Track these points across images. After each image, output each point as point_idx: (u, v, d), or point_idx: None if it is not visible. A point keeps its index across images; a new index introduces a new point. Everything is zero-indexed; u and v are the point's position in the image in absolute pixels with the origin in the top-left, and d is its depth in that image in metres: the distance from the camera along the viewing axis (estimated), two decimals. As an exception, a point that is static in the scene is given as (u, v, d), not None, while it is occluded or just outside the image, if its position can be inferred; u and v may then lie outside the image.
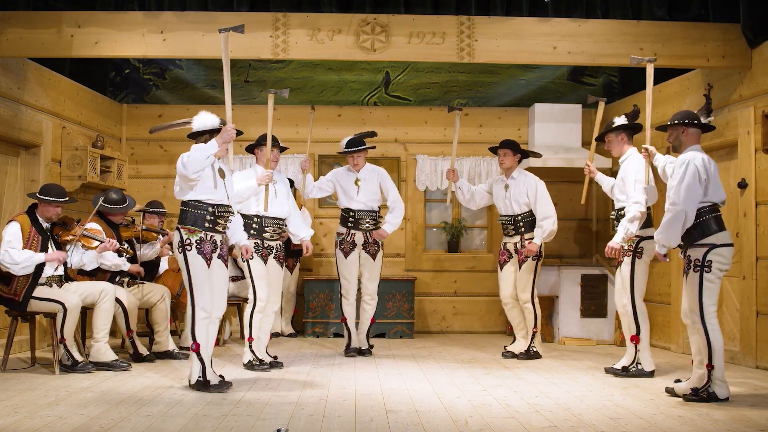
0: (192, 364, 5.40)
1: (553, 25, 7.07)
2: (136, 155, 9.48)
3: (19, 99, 7.15)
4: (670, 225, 5.11)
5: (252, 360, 6.33)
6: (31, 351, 6.54)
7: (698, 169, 5.10)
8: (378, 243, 7.34)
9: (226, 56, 5.45)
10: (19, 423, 4.36)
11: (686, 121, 5.30)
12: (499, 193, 7.31)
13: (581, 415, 4.68)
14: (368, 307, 7.39)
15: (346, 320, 7.31)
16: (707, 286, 5.11)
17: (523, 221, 7.17)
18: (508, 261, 7.25)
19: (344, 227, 7.30)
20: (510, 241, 7.26)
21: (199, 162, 5.18)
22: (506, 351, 7.29)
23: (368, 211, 7.29)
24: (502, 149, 7.25)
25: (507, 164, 7.24)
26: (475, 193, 7.44)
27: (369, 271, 7.32)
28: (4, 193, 7.16)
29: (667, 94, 8.04)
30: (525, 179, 7.21)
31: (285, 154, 9.39)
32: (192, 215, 5.33)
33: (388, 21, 7.02)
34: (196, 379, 5.35)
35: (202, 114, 5.47)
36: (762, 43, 6.81)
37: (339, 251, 7.28)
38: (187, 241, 5.30)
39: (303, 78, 9.56)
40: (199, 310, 5.31)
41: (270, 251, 6.45)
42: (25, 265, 5.98)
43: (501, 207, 7.31)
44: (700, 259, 5.13)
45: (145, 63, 9.44)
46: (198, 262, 5.31)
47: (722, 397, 5.09)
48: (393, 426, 4.36)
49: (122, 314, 6.62)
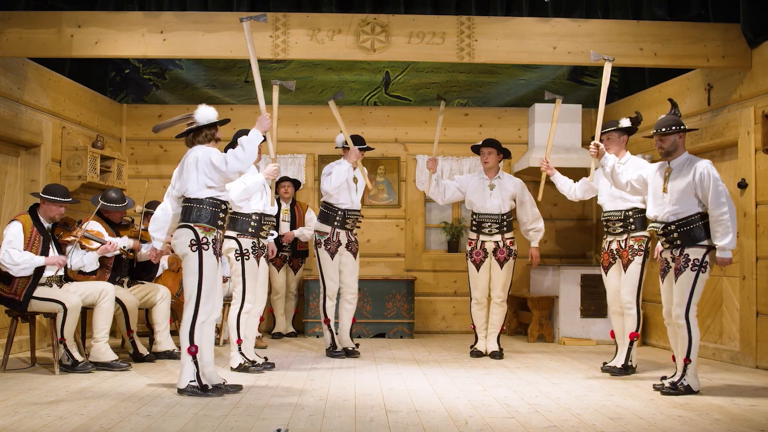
0: (183, 368, 5.20)
1: (553, 25, 7.07)
2: (136, 155, 9.48)
3: (19, 99, 7.15)
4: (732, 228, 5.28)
5: (243, 362, 6.24)
6: (31, 351, 6.53)
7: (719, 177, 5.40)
8: (357, 241, 7.28)
9: (251, 44, 5.45)
10: (19, 423, 4.36)
11: (682, 127, 5.51)
12: (481, 191, 7.27)
13: (581, 415, 4.68)
14: (350, 306, 7.27)
15: (329, 322, 7.13)
16: (699, 286, 5.37)
17: (507, 221, 7.23)
18: (485, 260, 7.24)
19: (328, 226, 7.12)
20: (489, 240, 7.23)
21: (253, 155, 5.19)
22: (474, 350, 7.31)
23: (356, 210, 7.23)
24: (487, 148, 7.26)
25: (491, 163, 7.26)
26: (447, 188, 7.40)
27: (351, 269, 7.20)
28: (4, 193, 7.16)
29: (667, 94, 8.03)
30: (511, 180, 7.31)
31: (285, 154, 9.41)
32: (207, 212, 5.18)
33: (388, 21, 7.02)
34: (187, 384, 5.17)
35: (203, 108, 5.36)
36: (762, 43, 6.81)
37: (323, 251, 7.10)
38: (204, 239, 5.14)
39: (303, 78, 9.56)
40: (202, 312, 5.16)
41: (263, 251, 6.40)
42: (24, 267, 5.97)
43: (481, 206, 7.27)
44: (699, 259, 5.34)
45: (145, 63, 9.44)
46: (212, 263, 5.18)
47: (695, 390, 5.36)
48: (393, 426, 4.36)
49: (122, 314, 6.63)
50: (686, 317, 5.34)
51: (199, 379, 5.18)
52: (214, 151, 5.22)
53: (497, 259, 7.18)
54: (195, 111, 5.36)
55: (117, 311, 6.58)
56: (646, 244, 6.17)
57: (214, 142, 5.41)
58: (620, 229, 6.27)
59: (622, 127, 6.29)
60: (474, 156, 9.42)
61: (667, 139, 5.50)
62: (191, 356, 5.16)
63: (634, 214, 6.21)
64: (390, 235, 9.50)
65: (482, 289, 7.28)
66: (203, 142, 5.35)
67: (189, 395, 5.14)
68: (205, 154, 5.20)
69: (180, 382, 5.22)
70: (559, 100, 6.70)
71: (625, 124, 6.31)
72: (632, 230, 6.21)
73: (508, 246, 7.19)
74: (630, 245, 6.19)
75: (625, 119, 6.36)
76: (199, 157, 5.21)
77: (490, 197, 7.25)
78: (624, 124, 6.31)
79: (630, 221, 6.22)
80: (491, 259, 7.22)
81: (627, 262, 6.20)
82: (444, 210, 9.75)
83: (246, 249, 6.22)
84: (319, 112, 9.53)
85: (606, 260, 6.38)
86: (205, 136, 5.35)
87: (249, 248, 6.23)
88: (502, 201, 7.22)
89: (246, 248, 6.22)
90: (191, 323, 5.16)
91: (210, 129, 5.36)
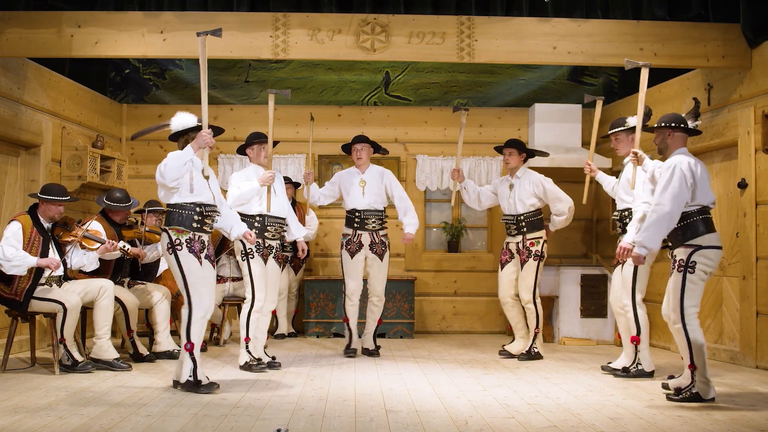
0: (183, 363, 5.36)
1: (553, 25, 7.07)
2: (136, 155, 9.48)
3: (19, 99, 7.15)
4: (652, 226, 5.07)
5: (249, 360, 6.30)
6: (31, 351, 6.53)
7: (684, 174, 5.08)
8: (385, 243, 7.32)
9: (203, 60, 5.35)
10: (19, 423, 4.36)
11: (672, 125, 5.29)
12: (504, 192, 7.33)
13: (581, 415, 4.68)
14: (375, 308, 7.37)
15: (348, 321, 7.30)
16: (689, 287, 5.10)
17: (526, 221, 7.17)
18: (510, 261, 7.25)
19: (350, 228, 7.28)
20: (512, 241, 7.26)
21: (176, 170, 5.19)
22: (503, 350, 7.30)
23: (373, 211, 7.28)
24: (508, 149, 7.27)
25: (513, 164, 7.26)
26: (481, 193, 7.46)
27: (376, 271, 7.29)
28: (4, 193, 7.16)
29: (667, 94, 8.04)
30: (530, 178, 7.23)
31: (285, 153, 9.41)
32: (179, 216, 5.33)
33: (388, 21, 7.02)
34: (186, 379, 5.32)
35: (180, 114, 5.46)
36: (762, 43, 6.81)
37: (345, 251, 7.26)
38: (177, 241, 5.29)
39: (303, 78, 9.57)
40: (196, 309, 5.29)
41: (270, 251, 6.43)
42: (16, 263, 5.93)
43: (505, 206, 7.32)
44: (684, 259, 5.13)
45: (145, 63, 9.44)
46: (190, 261, 5.30)
47: (707, 398, 5.07)
48: (393, 426, 4.36)
49: (122, 314, 6.63)
50: (682, 321, 5.09)
51: (195, 374, 5.32)
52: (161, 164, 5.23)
53: (520, 260, 7.18)
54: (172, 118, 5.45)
55: (117, 311, 6.58)
56: None
57: None
58: (620, 229, 6.26)
59: (631, 126, 6.26)
60: (474, 156, 9.45)
61: (657, 135, 5.35)
62: (188, 353, 5.30)
63: (630, 215, 6.12)
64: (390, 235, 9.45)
65: (505, 289, 7.26)
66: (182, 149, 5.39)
67: (186, 390, 5.29)
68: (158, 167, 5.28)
69: (180, 377, 5.39)
70: (599, 102, 6.65)
71: (633, 122, 6.26)
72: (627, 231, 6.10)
73: (528, 247, 7.14)
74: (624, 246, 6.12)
75: (632, 118, 6.31)
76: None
77: (508, 198, 7.27)
78: (632, 122, 6.27)
79: (626, 222, 6.15)
80: (517, 259, 7.22)
81: (622, 263, 6.16)
82: (444, 210, 9.76)
83: (250, 249, 6.28)
84: (319, 112, 9.52)
85: (615, 260, 6.34)
86: (185, 141, 5.42)
87: (253, 248, 6.28)
88: (519, 200, 7.19)
89: (250, 248, 6.28)
90: (187, 320, 5.31)
91: (187, 134, 5.41)
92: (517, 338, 7.31)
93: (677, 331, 5.16)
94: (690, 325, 5.08)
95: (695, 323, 5.11)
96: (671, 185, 5.05)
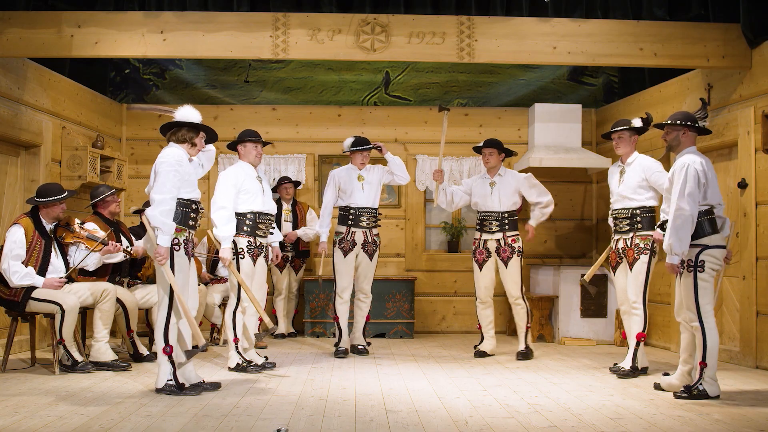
0: (159, 368, 5.21)
1: (553, 25, 7.07)
2: (136, 155, 9.47)
3: (19, 99, 7.15)
4: (679, 230, 5.14)
5: (240, 362, 6.23)
6: (31, 351, 6.53)
7: (698, 173, 5.19)
8: (376, 243, 7.33)
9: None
10: (19, 423, 4.36)
11: (688, 123, 5.37)
12: (483, 190, 7.32)
13: (581, 415, 4.68)
14: (363, 305, 7.38)
15: (338, 319, 7.27)
16: (702, 286, 5.21)
17: (510, 219, 7.23)
18: (487, 260, 7.25)
19: (344, 226, 7.27)
20: (490, 239, 7.24)
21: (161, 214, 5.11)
22: (478, 350, 7.31)
23: (368, 208, 7.29)
24: (488, 148, 7.30)
25: (492, 163, 7.30)
26: (454, 194, 7.46)
27: (365, 270, 7.30)
28: (4, 193, 7.16)
29: (667, 94, 8.04)
30: (513, 176, 7.31)
31: (285, 153, 9.41)
32: (178, 213, 5.19)
33: (388, 21, 7.02)
34: (165, 383, 5.18)
35: (187, 107, 5.34)
36: (762, 43, 6.81)
37: (338, 250, 7.24)
38: (175, 240, 5.18)
39: (303, 78, 9.57)
40: (174, 312, 5.17)
41: (261, 250, 6.40)
42: (21, 283, 5.99)
43: (483, 204, 7.30)
44: (693, 259, 5.23)
45: (145, 63, 9.44)
46: (184, 263, 5.23)
47: (713, 395, 5.17)
48: (393, 426, 4.36)
49: (122, 314, 6.62)
50: (699, 320, 5.18)
51: (175, 377, 5.20)
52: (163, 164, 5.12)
53: (501, 258, 7.18)
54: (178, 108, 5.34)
55: (117, 311, 6.57)
56: (653, 243, 6.14)
57: (190, 145, 5.33)
58: (627, 227, 6.26)
59: (635, 126, 6.29)
60: (474, 156, 9.43)
61: (670, 132, 5.42)
62: (167, 356, 5.18)
63: (641, 213, 6.19)
64: (390, 235, 9.49)
65: (485, 288, 7.29)
66: (179, 142, 5.30)
67: (167, 394, 5.17)
68: (160, 164, 5.15)
69: (157, 382, 5.23)
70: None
71: (638, 124, 6.31)
72: (639, 229, 6.18)
73: (510, 244, 7.18)
74: (636, 243, 6.17)
75: (637, 119, 6.36)
76: (157, 162, 5.18)
77: (490, 195, 7.28)
78: (636, 123, 6.31)
79: (637, 220, 6.20)
80: (495, 258, 7.22)
81: (633, 261, 6.18)
82: (444, 210, 9.75)
83: (241, 248, 6.23)
84: (319, 112, 9.54)
85: (613, 259, 6.36)
86: (182, 135, 5.30)
87: (244, 247, 6.24)
88: (503, 198, 7.22)
89: (241, 247, 6.23)
90: (165, 323, 5.17)
91: (190, 131, 5.31)
92: (487, 338, 7.34)
93: (694, 330, 5.24)
94: (707, 323, 5.19)
95: (712, 322, 5.21)
96: (687, 187, 5.15)
